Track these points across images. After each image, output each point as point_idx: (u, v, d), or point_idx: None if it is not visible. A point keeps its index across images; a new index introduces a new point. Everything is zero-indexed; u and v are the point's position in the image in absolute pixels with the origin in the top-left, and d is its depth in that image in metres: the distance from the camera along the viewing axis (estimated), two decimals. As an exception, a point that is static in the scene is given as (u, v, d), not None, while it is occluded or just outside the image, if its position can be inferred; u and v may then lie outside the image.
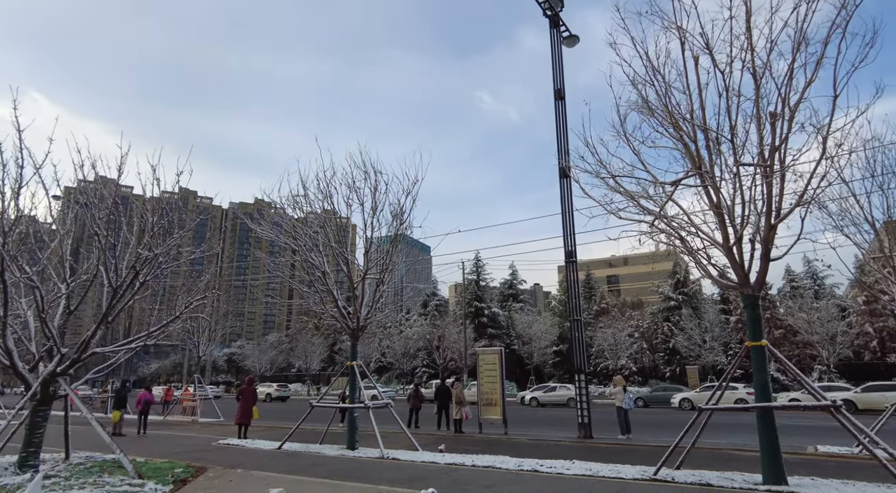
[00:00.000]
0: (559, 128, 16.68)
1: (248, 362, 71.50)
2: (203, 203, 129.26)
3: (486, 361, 17.04)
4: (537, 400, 33.46)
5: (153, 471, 9.09)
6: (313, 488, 7.89)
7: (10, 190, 9.07)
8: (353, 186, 13.21)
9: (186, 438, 16.11)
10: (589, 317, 53.67)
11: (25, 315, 10.63)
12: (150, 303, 12.76)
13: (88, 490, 7.41)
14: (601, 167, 9.21)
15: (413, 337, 56.09)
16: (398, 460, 10.79)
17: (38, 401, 9.40)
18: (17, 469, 8.94)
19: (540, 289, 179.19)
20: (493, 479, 8.75)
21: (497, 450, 11.85)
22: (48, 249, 10.87)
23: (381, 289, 13.71)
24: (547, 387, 36.32)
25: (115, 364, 11.87)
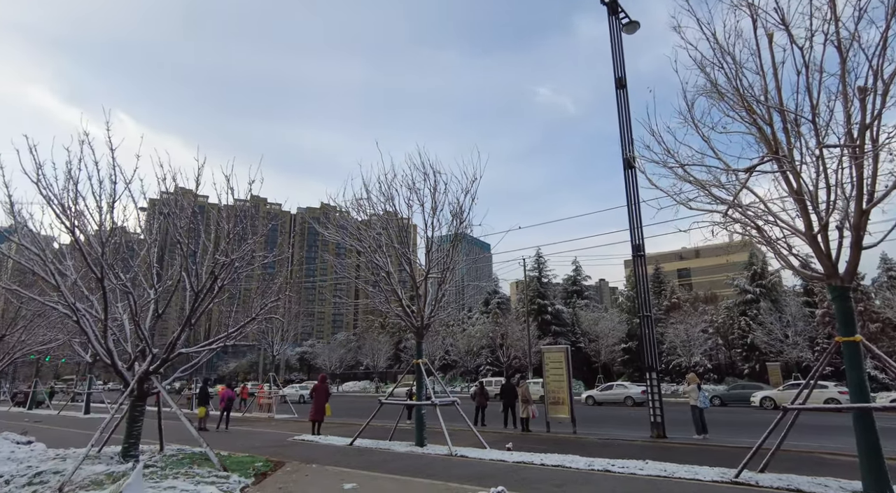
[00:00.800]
0: (621, 118, 16.16)
1: (318, 360, 74.26)
2: (273, 209, 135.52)
3: (551, 359, 16.79)
4: (594, 399, 32.96)
5: (236, 464, 9.64)
6: (385, 484, 8.09)
7: (106, 204, 9.91)
8: (413, 187, 13.44)
9: (264, 434, 16.97)
10: (659, 312, 51.61)
11: (121, 319, 11.58)
12: (227, 306, 13.56)
13: (181, 480, 7.97)
14: (668, 156, 8.83)
15: (476, 335, 56.17)
16: (466, 457, 10.85)
17: (135, 397, 10.21)
18: (121, 459, 9.77)
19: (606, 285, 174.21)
20: (563, 478, 8.62)
21: (566, 449, 11.66)
22: (138, 257, 11.77)
23: (444, 287, 13.84)
24: (603, 385, 35.61)
25: (199, 364, 12.69)
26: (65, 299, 9.77)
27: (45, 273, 9.84)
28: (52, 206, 9.59)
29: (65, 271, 10.21)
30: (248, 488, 7.97)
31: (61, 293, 9.77)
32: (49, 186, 9.49)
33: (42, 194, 9.48)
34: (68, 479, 8.02)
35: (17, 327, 16.07)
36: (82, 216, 9.86)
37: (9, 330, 15.89)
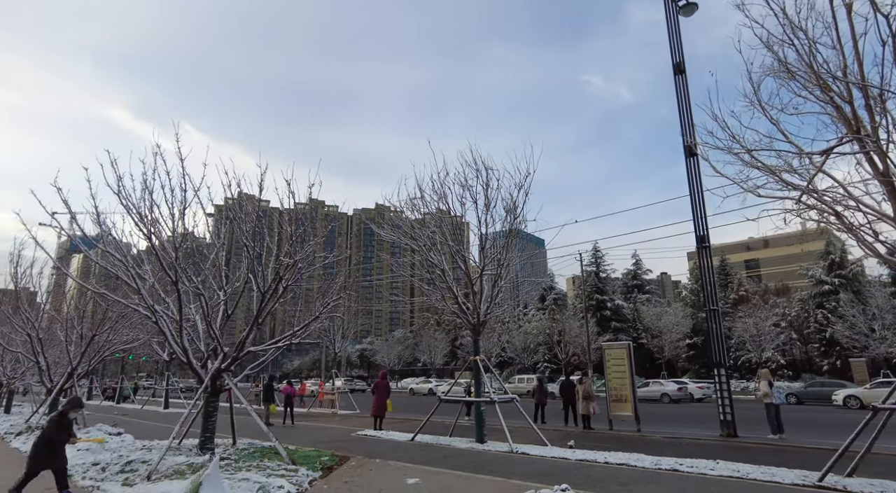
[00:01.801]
0: (681, 104, 15.50)
1: (377, 357, 75.89)
2: (331, 212, 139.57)
3: (613, 356, 16.37)
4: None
5: (303, 458, 10.02)
6: (447, 479, 8.17)
7: (178, 211, 10.54)
8: (465, 184, 13.44)
9: (328, 429, 17.53)
10: (726, 306, 49.17)
11: (195, 319, 12.29)
12: (291, 305, 14.10)
13: (254, 472, 8.37)
14: (733, 142, 8.38)
15: (532, 332, 55.57)
16: (527, 454, 10.78)
17: (210, 393, 10.82)
18: (199, 451, 10.38)
19: (668, 278, 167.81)
20: (628, 477, 8.39)
21: (630, 447, 11.35)
22: (207, 260, 12.44)
23: (499, 284, 13.78)
24: (640, 383, 35.14)
25: (266, 362, 13.28)
26: (144, 301, 10.46)
27: (127, 277, 10.58)
28: (131, 215, 10.31)
29: (143, 275, 10.93)
30: (315, 481, 8.26)
31: (141, 296, 10.47)
32: (128, 196, 10.20)
33: (122, 204, 10.21)
34: (154, 468, 8.61)
35: (104, 328, 17.36)
36: (157, 223, 10.53)
37: (98, 330, 17.19)
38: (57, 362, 18.86)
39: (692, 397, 31.65)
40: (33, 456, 6.85)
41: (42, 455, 6.83)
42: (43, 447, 6.88)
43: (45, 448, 6.87)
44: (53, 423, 7.09)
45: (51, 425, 7.08)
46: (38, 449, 6.87)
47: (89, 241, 11.68)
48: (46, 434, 6.98)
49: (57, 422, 7.07)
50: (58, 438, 6.99)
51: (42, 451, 6.85)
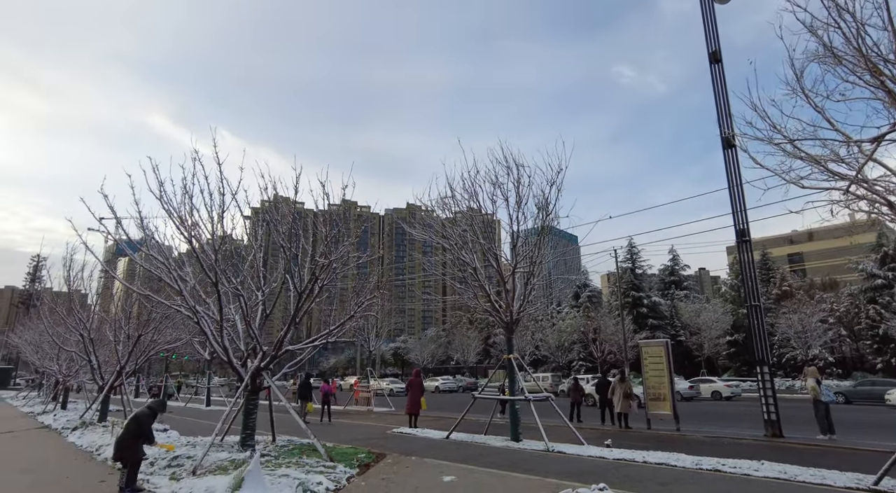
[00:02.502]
0: (718, 94, 15.04)
1: (411, 355, 76.45)
2: (363, 212, 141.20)
3: (650, 353, 16.04)
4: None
5: (341, 455, 10.18)
6: (483, 477, 8.16)
7: (216, 214, 10.85)
8: (496, 182, 13.38)
9: (364, 426, 17.76)
10: (768, 302, 47.55)
11: (234, 319, 12.63)
12: (326, 305, 14.34)
13: (293, 469, 8.55)
14: (774, 132, 8.08)
15: (566, 330, 54.97)
16: (564, 453, 10.67)
17: (250, 391, 11.10)
18: (240, 448, 10.68)
19: (706, 274, 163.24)
20: (668, 477, 8.21)
21: (669, 447, 11.10)
22: (246, 262, 12.76)
23: (532, 282, 13.68)
24: None
25: (303, 360, 13.54)
26: (186, 302, 10.82)
27: (170, 279, 10.96)
28: (172, 219, 10.66)
29: (185, 277, 11.30)
30: (353, 478, 8.39)
31: (183, 297, 10.83)
32: (169, 201, 10.56)
33: (164, 209, 10.58)
34: (199, 463, 8.91)
35: (149, 328, 18.06)
36: (197, 227, 10.86)
37: (143, 331, 17.89)
38: (107, 360, 19.70)
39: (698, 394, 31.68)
40: (126, 448, 7.27)
41: (128, 448, 7.23)
42: (131, 440, 7.36)
43: (132, 441, 7.36)
44: (145, 421, 7.59)
45: (142, 422, 7.57)
46: (125, 443, 7.36)
47: (134, 245, 12.16)
48: (137, 430, 7.44)
49: (147, 421, 7.61)
50: (145, 435, 7.52)
51: (129, 444, 7.31)
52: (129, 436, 7.45)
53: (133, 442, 7.43)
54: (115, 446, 7.43)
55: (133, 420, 7.61)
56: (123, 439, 7.41)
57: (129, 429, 7.51)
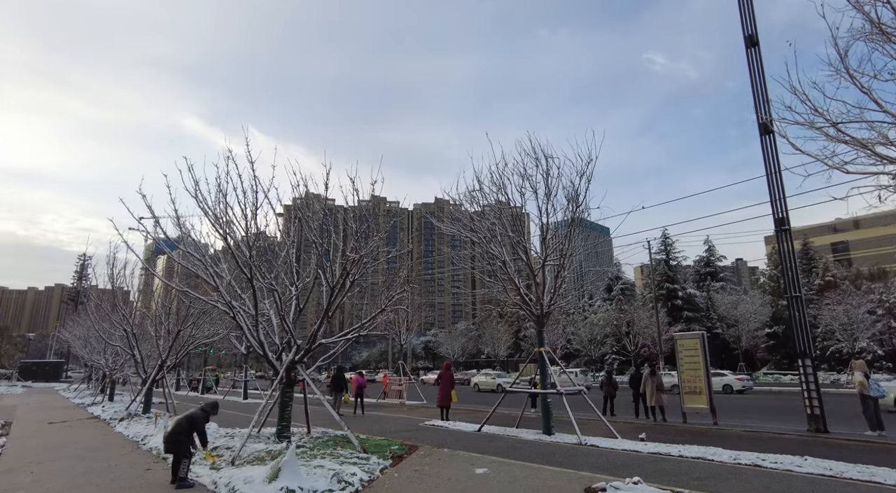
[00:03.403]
0: (754, 79, 14.51)
1: (441, 349, 76.76)
2: (392, 207, 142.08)
3: (685, 346, 15.70)
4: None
5: (374, 447, 10.33)
6: (515, 470, 8.16)
7: (250, 212, 11.09)
8: (524, 174, 13.27)
9: (397, 418, 17.95)
10: (810, 293, 45.83)
11: (269, 314, 12.93)
12: (358, 299, 14.52)
13: (328, 460, 8.72)
14: (815, 115, 7.76)
15: (599, 323, 54.18)
16: (597, 447, 10.57)
17: (285, 384, 11.36)
18: (276, 439, 10.95)
19: (744, 264, 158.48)
20: (705, 471, 8.04)
21: (706, 441, 10.86)
22: (279, 258, 13.03)
23: (562, 275, 13.54)
24: None
25: (336, 353, 13.78)
26: (222, 297, 11.12)
27: (206, 276, 11.28)
28: (207, 217, 10.97)
29: (221, 274, 11.62)
30: (386, 469, 8.50)
31: (219, 293, 11.14)
32: (204, 199, 10.86)
33: (200, 207, 10.89)
34: (237, 454, 9.18)
35: (188, 324, 18.65)
36: (231, 224, 11.14)
37: (182, 326, 18.49)
38: (149, 355, 20.45)
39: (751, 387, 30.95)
40: (178, 444, 7.74)
41: (180, 444, 7.71)
42: (182, 436, 7.77)
43: (184, 438, 7.79)
44: (199, 423, 8.05)
45: (196, 423, 8.01)
46: (178, 437, 7.76)
47: (172, 243, 12.55)
48: (190, 429, 7.90)
49: (201, 422, 8.08)
50: (199, 431, 8.02)
51: (181, 440, 7.75)
52: (181, 432, 7.79)
53: (185, 439, 7.77)
54: (167, 440, 7.76)
55: (187, 419, 7.97)
56: (176, 435, 7.73)
57: (181, 426, 7.87)
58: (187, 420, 7.99)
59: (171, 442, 7.76)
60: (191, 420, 8.01)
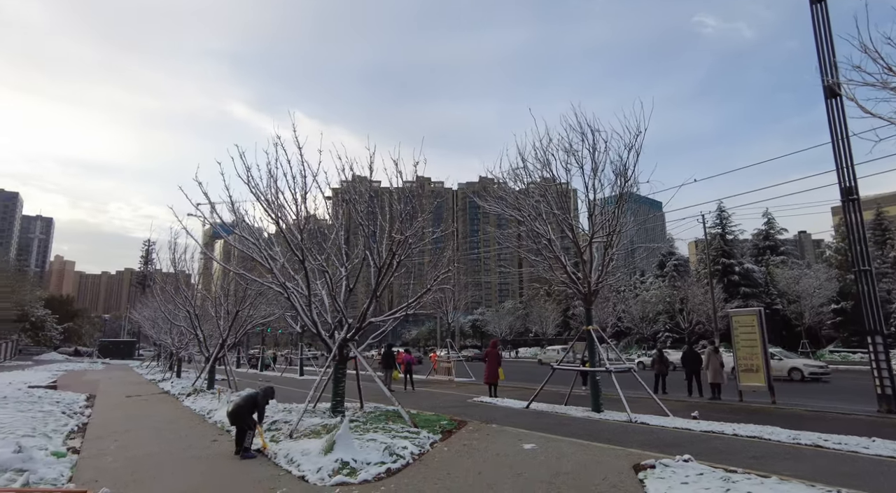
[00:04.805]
0: (819, 37, 13.54)
1: (489, 327, 77.14)
2: (436, 188, 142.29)
3: (741, 323, 15.15)
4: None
5: (424, 422, 10.61)
6: (563, 446, 8.21)
7: (300, 196, 11.42)
8: (570, 149, 12.99)
9: (446, 395, 18.32)
10: (883, 266, 42.99)
11: (321, 294, 13.37)
12: (405, 279, 14.78)
13: (380, 434, 9.05)
14: (890, 75, 7.19)
15: (651, 300, 52.92)
16: (647, 424, 10.47)
17: (338, 361, 11.79)
18: (331, 414, 11.43)
19: (807, 237, 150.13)
20: (760, 450, 7.83)
21: (763, 420, 10.56)
22: (329, 240, 13.39)
23: (611, 252, 13.29)
24: None
25: (385, 332, 14.12)
26: (276, 279, 11.59)
27: (261, 259, 11.76)
28: (260, 202, 11.37)
29: (275, 256, 12.08)
30: (436, 443, 8.74)
31: (274, 275, 11.61)
32: (256, 185, 11.24)
33: (252, 193, 11.28)
34: (295, 428, 9.66)
35: (245, 304, 19.55)
36: (283, 209, 11.52)
37: (240, 306, 19.41)
38: (210, 334, 21.62)
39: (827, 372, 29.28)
40: (242, 418, 8.38)
41: (243, 418, 8.35)
42: (246, 412, 8.41)
43: (247, 413, 8.41)
44: (262, 402, 8.82)
45: (259, 402, 8.74)
46: (242, 411, 8.40)
47: (227, 227, 13.12)
48: (253, 407, 8.57)
49: (263, 402, 8.85)
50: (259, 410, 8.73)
51: (245, 415, 8.38)
52: (246, 407, 8.47)
53: (247, 414, 8.42)
54: (233, 414, 8.45)
55: (251, 398, 8.69)
56: (242, 409, 8.39)
57: (247, 401, 8.59)
58: (252, 400, 8.65)
59: (235, 416, 8.32)
60: (254, 400, 8.67)
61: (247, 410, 8.46)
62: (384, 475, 6.78)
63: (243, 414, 8.36)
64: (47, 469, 6.91)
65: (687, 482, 5.84)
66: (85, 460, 8.03)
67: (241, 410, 8.40)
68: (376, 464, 7.08)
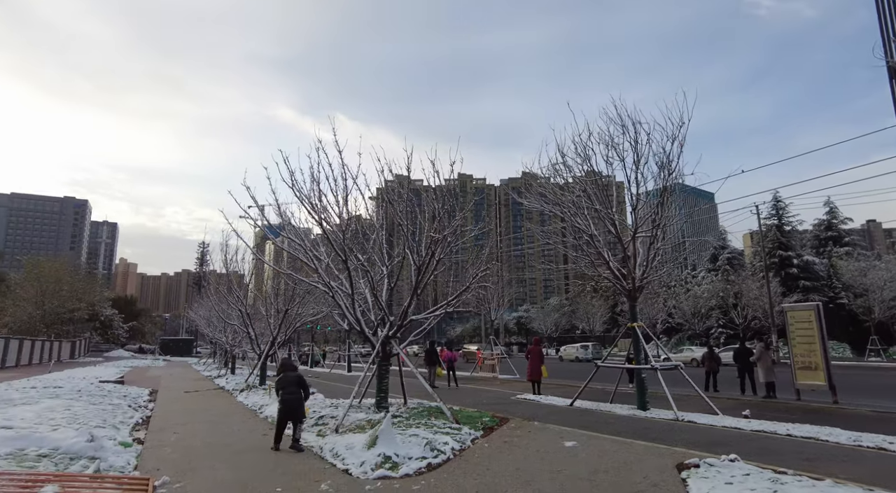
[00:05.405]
0: (882, 14, 12.71)
1: (534, 324, 76.56)
2: (478, 184, 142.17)
3: (797, 318, 14.47)
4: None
5: (466, 418, 10.71)
6: (605, 444, 8.13)
7: (342, 198, 11.76)
8: (610, 143, 12.78)
9: (489, 392, 18.37)
10: (962, 256, 39.84)
11: (364, 293, 13.71)
12: (446, 276, 14.94)
13: (422, 429, 9.22)
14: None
15: (703, 295, 51.05)
16: (694, 423, 10.19)
17: (381, 357, 12.07)
18: (376, 409, 11.72)
19: (877, 227, 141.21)
20: (815, 452, 7.50)
21: (821, 420, 10.08)
22: (370, 240, 13.70)
23: (656, 246, 12.98)
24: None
25: (427, 329, 14.33)
26: (322, 278, 11.97)
27: (307, 259, 12.19)
28: (304, 204, 11.77)
29: (320, 257, 12.48)
30: (477, 439, 8.83)
31: (319, 274, 12.00)
32: (300, 189, 11.65)
33: (296, 196, 11.70)
34: (340, 423, 9.98)
35: (294, 303, 20.23)
36: (326, 211, 11.89)
37: (289, 305, 20.11)
38: (262, 332, 22.50)
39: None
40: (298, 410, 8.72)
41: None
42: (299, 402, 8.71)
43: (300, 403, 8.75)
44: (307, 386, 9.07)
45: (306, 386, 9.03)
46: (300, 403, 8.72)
47: (275, 229, 13.64)
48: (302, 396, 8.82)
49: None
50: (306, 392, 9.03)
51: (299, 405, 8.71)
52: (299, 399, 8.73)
53: (301, 404, 8.68)
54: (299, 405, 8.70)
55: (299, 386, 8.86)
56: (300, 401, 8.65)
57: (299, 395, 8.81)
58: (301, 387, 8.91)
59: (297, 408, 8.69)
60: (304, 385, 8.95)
61: (299, 402, 8.65)
62: (425, 469, 6.93)
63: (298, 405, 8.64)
64: (115, 458, 7.44)
65: (732, 482, 5.69)
66: (148, 450, 8.57)
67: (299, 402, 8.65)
68: (417, 459, 7.24)
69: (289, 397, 8.61)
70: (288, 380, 8.83)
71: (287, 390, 8.69)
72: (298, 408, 8.61)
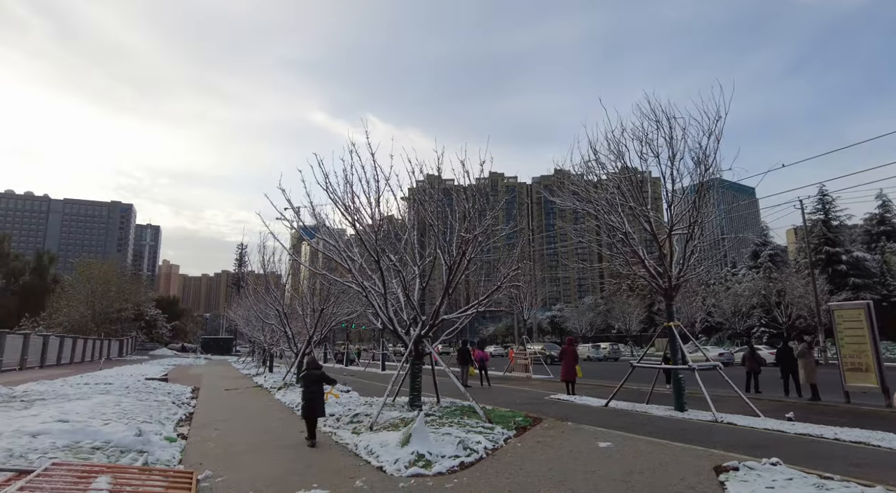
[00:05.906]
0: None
1: (568, 323, 75.69)
2: (510, 183, 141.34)
3: (845, 318, 13.87)
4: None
5: (499, 418, 10.71)
6: (641, 445, 8.01)
7: (374, 199, 11.93)
8: (644, 139, 12.55)
9: (522, 392, 18.28)
10: None
11: (397, 292, 13.86)
12: (477, 276, 14.96)
13: (455, 428, 9.27)
14: None
15: (744, 294, 49.46)
16: (733, 424, 9.92)
17: (414, 356, 12.19)
18: (409, 407, 11.85)
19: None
20: (865, 457, 7.19)
21: (873, 424, 9.65)
22: (403, 240, 13.85)
23: (692, 244, 12.68)
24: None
25: (459, 328, 14.38)
26: (355, 278, 12.17)
27: (341, 260, 12.41)
28: (337, 206, 12.00)
29: (353, 257, 12.69)
30: (510, 439, 8.82)
31: (353, 275, 12.20)
32: (334, 191, 11.88)
33: (330, 198, 11.93)
34: (375, 420, 10.13)
35: (329, 303, 20.62)
36: (359, 212, 12.08)
37: (325, 305, 20.51)
38: (298, 331, 23.01)
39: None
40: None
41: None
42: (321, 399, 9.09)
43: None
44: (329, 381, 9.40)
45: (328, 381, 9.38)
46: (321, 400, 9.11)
47: (310, 231, 13.93)
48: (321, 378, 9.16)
49: None
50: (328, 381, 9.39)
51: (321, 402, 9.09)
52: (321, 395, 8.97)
53: (321, 402, 8.94)
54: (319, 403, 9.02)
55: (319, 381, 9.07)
56: (320, 399, 8.93)
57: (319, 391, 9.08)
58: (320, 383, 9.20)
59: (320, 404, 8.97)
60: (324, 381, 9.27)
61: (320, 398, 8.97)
62: (457, 468, 6.98)
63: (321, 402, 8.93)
64: (161, 452, 7.78)
65: (773, 486, 5.52)
66: (191, 445, 8.91)
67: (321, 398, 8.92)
68: (450, 457, 7.29)
69: (311, 395, 8.96)
70: (311, 378, 9.16)
71: (310, 388, 9.02)
72: (318, 406, 8.91)
